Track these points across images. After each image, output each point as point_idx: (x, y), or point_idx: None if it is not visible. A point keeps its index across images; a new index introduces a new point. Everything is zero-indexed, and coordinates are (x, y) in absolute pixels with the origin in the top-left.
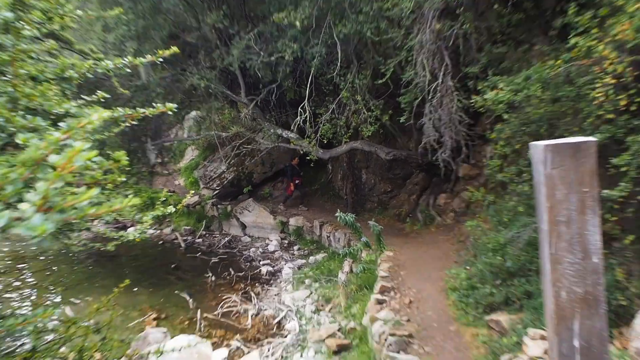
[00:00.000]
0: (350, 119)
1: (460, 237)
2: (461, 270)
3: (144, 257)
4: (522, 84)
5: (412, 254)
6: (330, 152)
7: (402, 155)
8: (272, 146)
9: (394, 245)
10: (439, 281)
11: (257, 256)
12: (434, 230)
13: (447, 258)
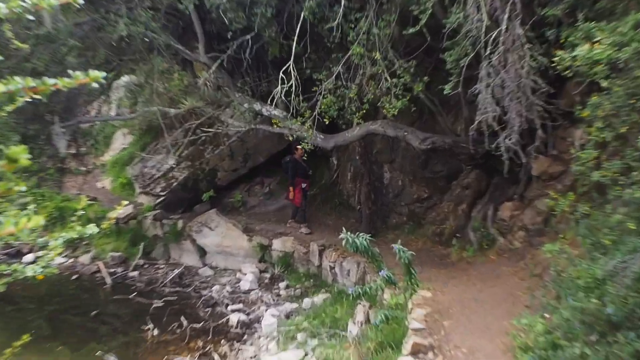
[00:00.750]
0: (366, 88)
1: (535, 269)
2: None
3: (52, 298)
4: (631, 35)
5: (461, 294)
6: (335, 138)
7: (444, 142)
8: (246, 130)
9: (433, 280)
10: (502, 336)
11: (222, 298)
12: (494, 258)
13: (515, 300)
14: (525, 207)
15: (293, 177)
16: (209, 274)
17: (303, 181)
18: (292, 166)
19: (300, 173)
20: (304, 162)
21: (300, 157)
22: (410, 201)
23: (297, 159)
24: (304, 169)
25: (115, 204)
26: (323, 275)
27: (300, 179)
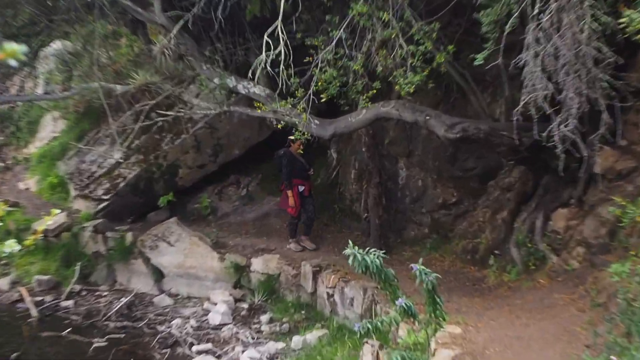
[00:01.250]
0: (375, 57)
1: (598, 297)
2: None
3: None
4: None
5: (500, 331)
6: (335, 124)
7: (479, 130)
8: (216, 113)
9: (464, 312)
10: None
11: (185, 336)
12: (544, 283)
13: (572, 338)
14: (585, 215)
15: (288, 178)
16: (167, 303)
17: (300, 182)
18: (287, 162)
19: (297, 172)
20: (300, 158)
21: (296, 150)
22: (433, 207)
23: (292, 152)
24: (302, 166)
25: (44, 212)
26: (318, 305)
27: (297, 179)
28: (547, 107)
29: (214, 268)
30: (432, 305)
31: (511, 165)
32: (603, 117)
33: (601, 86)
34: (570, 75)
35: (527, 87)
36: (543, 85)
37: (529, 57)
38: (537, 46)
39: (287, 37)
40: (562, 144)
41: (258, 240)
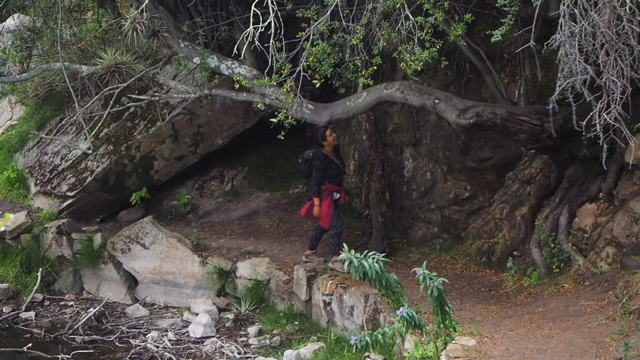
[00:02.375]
0: (376, 32)
1: (630, 303)
2: None
3: None
4: None
5: (520, 342)
6: (332, 109)
7: (495, 115)
8: (196, 97)
9: (479, 321)
10: None
11: (162, 350)
12: (569, 288)
13: (600, 350)
14: (616, 210)
15: (318, 184)
16: (141, 314)
17: (334, 187)
18: (319, 165)
19: (331, 176)
20: (335, 159)
21: (329, 152)
22: (444, 203)
23: (326, 153)
24: (338, 169)
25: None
26: (314, 314)
27: (332, 185)
28: (587, 93)
29: (194, 274)
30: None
31: (532, 155)
32: None
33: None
34: (611, 55)
35: (564, 72)
36: (582, 69)
37: (564, 38)
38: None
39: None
40: (603, 133)
41: (245, 241)
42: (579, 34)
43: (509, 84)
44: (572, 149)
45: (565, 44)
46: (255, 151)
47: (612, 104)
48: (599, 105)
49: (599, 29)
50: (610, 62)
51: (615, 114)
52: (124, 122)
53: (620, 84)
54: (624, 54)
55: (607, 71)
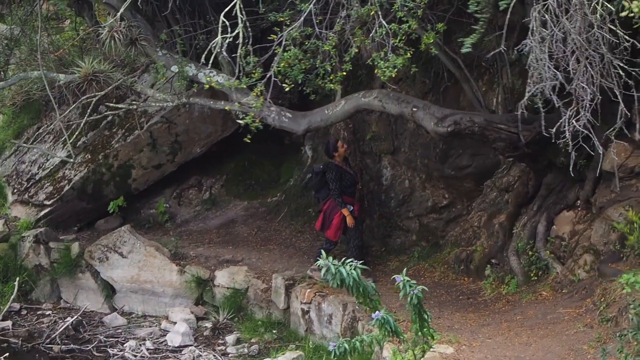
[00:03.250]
0: (351, 40)
1: (608, 310)
2: None
3: None
4: None
5: (499, 350)
6: (310, 117)
7: (473, 123)
8: (174, 106)
9: (457, 329)
10: None
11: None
12: (547, 295)
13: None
14: (594, 218)
15: (341, 195)
16: (119, 323)
17: (350, 200)
18: (335, 176)
19: (345, 185)
20: (350, 169)
21: (340, 162)
22: (422, 211)
23: (339, 164)
24: (352, 179)
25: None
26: (292, 323)
27: (346, 197)
28: (556, 99)
29: (172, 282)
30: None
31: (510, 163)
32: (621, 109)
33: (617, 74)
34: (582, 62)
35: (533, 77)
36: (551, 75)
37: (535, 43)
38: (542, 31)
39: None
40: (572, 140)
41: (223, 250)
42: (549, 40)
43: (487, 92)
44: (550, 157)
45: (535, 49)
46: (234, 159)
47: (581, 111)
48: (568, 113)
49: (570, 36)
50: (580, 69)
51: (585, 121)
52: (101, 130)
53: (590, 91)
54: (594, 61)
55: (577, 78)
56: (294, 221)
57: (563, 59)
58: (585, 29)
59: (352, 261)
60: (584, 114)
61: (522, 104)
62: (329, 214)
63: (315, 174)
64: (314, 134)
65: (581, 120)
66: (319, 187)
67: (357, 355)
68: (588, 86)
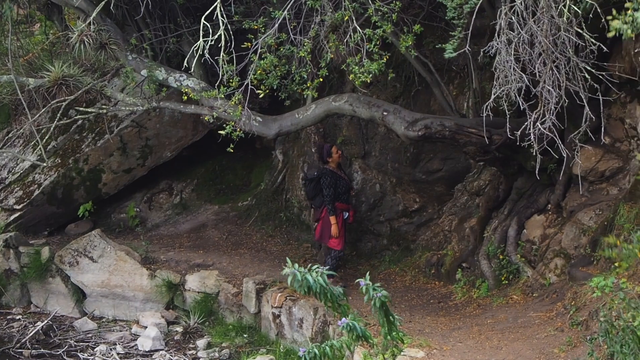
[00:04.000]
0: (324, 44)
1: (578, 315)
2: None
3: None
4: None
5: (469, 354)
6: (280, 121)
7: (444, 127)
8: (144, 110)
9: (428, 333)
10: None
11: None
12: (518, 299)
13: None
14: (564, 222)
15: (334, 201)
16: (90, 327)
17: (344, 207)
18: (330, 182)
19: (340, 192)
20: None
21: (335, 167)
22: (393, 215)
23: (333, 169)
24: (346, 184)
25: None
26: (263, 327)
27: (340, 203)
28: (521, 102)
29: (143, 287)
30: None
31: (480, 167)
32: (586, 113)
33: (583, 77)
34: (548, 65)
35: (499, 79)
36: (517, 77)
37: (502, 45)
38: (510, 34)
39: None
40: (538, 143)
41: (193, 254)
42: (516, 42)
43: (458, 96)
44: (521, 161)
45: (501, 51)
46: (204, 164)
47: (547, 114)
48: (533, 115)
49: (537, 38)
50: (546, 72)
51: (550, 124)
52: (71, 135)
53: (556, 94)
54: (560, 64)
55: (543, 81)
56: (265, 225)
57: (530, 62)
58: (552, 32)
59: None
60: (549, 117)
61: (487, 106)
62: (327, 223)
63: (310, 180)
64: (284, 138)
65: (546, 122)
66: (313, 195)
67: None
68: (554, 89)
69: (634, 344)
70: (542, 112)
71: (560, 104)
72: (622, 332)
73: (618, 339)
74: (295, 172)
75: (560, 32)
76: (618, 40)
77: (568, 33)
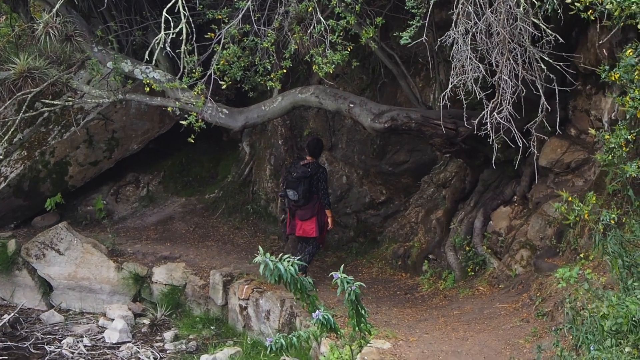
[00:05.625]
0: (288, 36)
1: (543, 305)
2: None
3: None
4: None
5: (435, 345)
6: (247, 113)
7: (410, 119)
8: (110, 102)
9: (394, 324)
10: None
11: (78, 356)
12: (484, 291)
13: (514, 352)
14: (530, 214)
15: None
16: (56, 320)
17: None
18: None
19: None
20: None
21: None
22: (359, 207)
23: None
24: None
25: None
26: (230, 319)
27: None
28: (478, 91)
29: (110, 279)
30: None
31: (447, 159)
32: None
33: (540, 68)
34: (505, 55)
35: (457, 69)
36: (474, 67)
37: (459, 35)
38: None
39: (190, 13)
40: (495, 133)
41: (160, 246)
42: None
43: (424, 88)
44: (487, 153)
45: (459, 40)
46: (171, 156)
47: (503, 103)
48: (490, 105)
49: (494, 28)
50: (503, 62)
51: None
52: (37, 127)
53: (513, 84)
54: (517, 54)
55: (500, 71)
56: (232, 218)
57: (487, 52)
58: (510, 22)
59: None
60: (506, 106)
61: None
62: (322, 218)
63: (304, 178)
64: (251, 130)
65: (503, 112)
66: (309, 194)
67: (295, 351)
68: (511, 79)
69: (598, 332)
70: (499, 102)
71: (517, 93)
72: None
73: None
74: (262, 165)
75: (518, 22)
76: (584, 32)
77: (525, 23)
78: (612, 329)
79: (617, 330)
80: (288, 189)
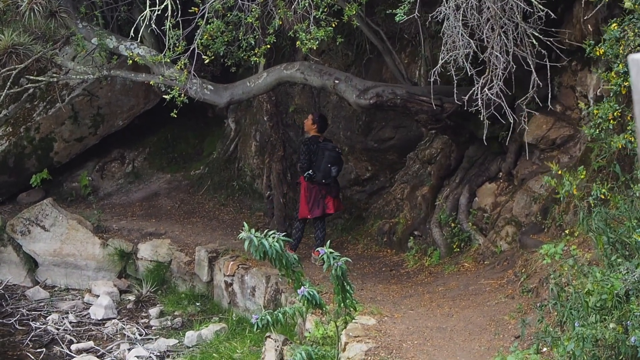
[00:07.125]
0: (273, 11)
1: (528, 281)
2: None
3: None
4: None
5: (420, 321)
6: (232, 89)
7: (395, 95)
8: (95, 78)
9: (379, 301)
10: None
11: (63, 333)
12: (469, 267)
13: (499, 328)
14: (515, 190)
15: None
16: (42, 296)
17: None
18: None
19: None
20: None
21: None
22: (345, 184)
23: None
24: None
25: None
26: (215, 295)
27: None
28: (469, 67)
29: (95, 255)
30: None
31: (432, 135)
32: (533, 79)
33: (531, 43)
34: (496, 31)
35: (447, 45)
36: (465, 43)
37: (449, 11)
38: None
39: None
40: (485, 109)
41: (146, 223)
42: (464, 8)
43: (410, 64)
44: (472, 129)
45: (449, 16)
46: (157, 132)
47: (494, 79)
48: (481, 81)
49: (485, 4)
50: (494, 38)
51: (497, 89)
52: (22, 103)
53: (504, 60)
54: (508, 30)
55: (491, 46)
56: (217, 194)
57: (478, 27)
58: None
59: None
60: (497, 82)
61: (434, 72)
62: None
63: (337, 153)
64: (237, 106)
65: (494, 89)
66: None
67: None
68: (502, 55)
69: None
70: (490, 78)
71: (508, 69)
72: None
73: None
74: (247, 141)
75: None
76: (569, 8)
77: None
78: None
79: (601, 306)
80: (333, 166)
